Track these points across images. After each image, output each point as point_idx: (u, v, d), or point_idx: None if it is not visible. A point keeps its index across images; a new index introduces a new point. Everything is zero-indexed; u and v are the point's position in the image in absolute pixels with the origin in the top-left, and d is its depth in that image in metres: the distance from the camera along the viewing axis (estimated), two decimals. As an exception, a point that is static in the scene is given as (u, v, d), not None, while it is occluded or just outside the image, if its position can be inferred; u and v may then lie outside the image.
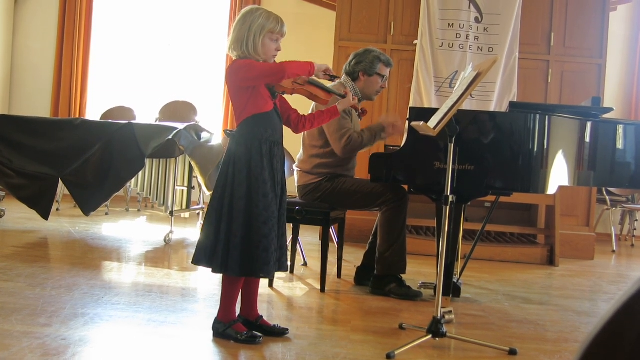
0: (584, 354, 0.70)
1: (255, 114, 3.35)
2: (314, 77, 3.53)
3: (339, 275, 5.08)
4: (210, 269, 3.37)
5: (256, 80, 3.31)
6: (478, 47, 6.87)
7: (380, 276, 4.60)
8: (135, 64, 9.51)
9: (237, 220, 3.29)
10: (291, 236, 4.93)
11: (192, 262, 3.41)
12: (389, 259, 4.55)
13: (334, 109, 3.68)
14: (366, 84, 4.79)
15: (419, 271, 5.41)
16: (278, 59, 3.47)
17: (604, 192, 7.98)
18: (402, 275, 4.62)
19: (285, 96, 3.59)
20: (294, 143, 5.05)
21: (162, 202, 6.34)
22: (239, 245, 3.28)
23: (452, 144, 3.43)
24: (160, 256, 5.66)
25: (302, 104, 4.15)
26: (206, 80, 9.42)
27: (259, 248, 3.29)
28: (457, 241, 4.41)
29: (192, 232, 7.02)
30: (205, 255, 3.35)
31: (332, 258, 4.97)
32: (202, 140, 6.42)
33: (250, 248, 3.29)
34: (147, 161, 6.09)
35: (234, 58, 3.44)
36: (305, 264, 5.47)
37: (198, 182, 6.68)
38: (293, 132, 3.73)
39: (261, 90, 3.36)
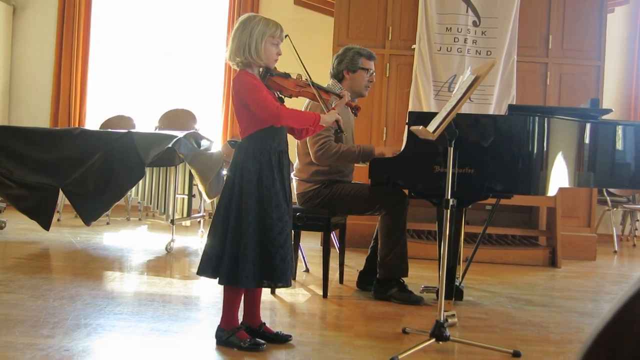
0: (584, 355, 0.70)
1: (263, 129, 3.37)
2: (314, 81, 3.54)
3: (341, 280, 5.08)
4: (215, 280, 3.37)
5: (256, 111, 3.31)
6: (476, 51, 6.88)
7: (383, 280, 4.60)
8: (134, 72, 9.53)
9: (247, 232, 3.28)
10: (292, 242, 4.92)
11: (197, 273, 3.41)
12: (390, 263, 4.55)
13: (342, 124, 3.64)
14: (352, 81, 4.79)
15: (421, 275, 5.41)
16: (279, 65, 3.47)
17: (605, 193, 7.99)
18: (405, 279, 4.61)
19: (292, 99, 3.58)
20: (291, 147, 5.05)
21: (162, 211, 6.33)
22: (251, 256, 3.28)
23: (452, 148, 3.43)
24: (162, 265, 5.66)
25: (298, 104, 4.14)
26: (205, 88, 9.44)
27: (275, 258, 3.31)
28: (459, 244, 4.41)
29: (193, 241, 7.02)
30: (210, 266, 3.35)
31: (333, 263, 4.97)
32: (201, 148, 6.42)
33: (266, 259, 3.30)
34: (147, 170, 6.09)
35: (234, 66, 3.45)
36: (307, 270, 5.48)
37: (198, 190, 6.67)
38: (296, 139, 3.74)
39: None
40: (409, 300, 4.51)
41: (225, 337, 3.39)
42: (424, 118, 3.88)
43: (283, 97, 3.49)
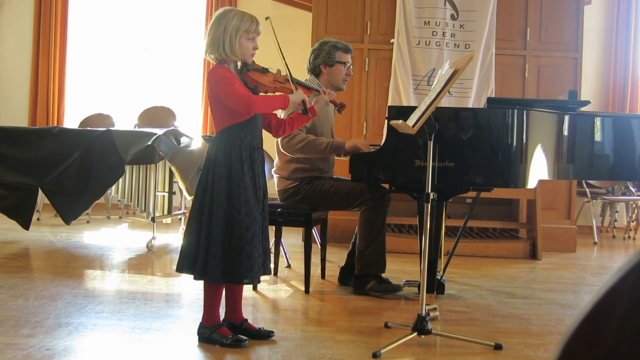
0: (564, 348, 0.70)
1: (236, 123, 3.35)
2: (293, 76, 3.53)
3: (322, 276, 5.08)
4: (192, 276, 3.37)
5: (228, 103, 3.30)
6: (455, 44, 6.89)
7: (360, 275, 4.59)
8: (112, 70, 9.46)
9: (217, 227, 3.28)
10: (274, 238, 4.92)
11: (176, 270, 3.42)
12: (368, 258, 4.54)
13: (311, 109, 3.59)
14: (330, 76, 4.76)
15: (403, 269, 5.42)
16: (257, 59, 3.46)
17: (584, 185, 8.03)
18: (386, 274, 4.61)
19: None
20: (273, 145, 5.03)
21: (143, 209, 6.31)
22: (219, 252, 3.28)
23: (432, 142, 3.44)
24: (143, 263, 5.63)
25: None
26: (184, 84, 9.39)
27: (241, 254, 3.29)
28: (440, 238, 4.42)
29: (174, 238, 6.99)
30: (187, 263, 3.36)
31: (315, 259, 4.97)
32: (181, 145, 6.40)
33: (232, 255, 3.29)
34: (127, 168, 6.07)
35: (211, 61, 3.44)
36: (288, 266, 5.47)
37: (179, 187, 6.65)
38: (273, 136, 3.72)
39: None
40: (388, 290, 4.50)
41: (208, 334, 3.38)
42: (404, 112, 3.89)
43: (260, 93, 3.47)
